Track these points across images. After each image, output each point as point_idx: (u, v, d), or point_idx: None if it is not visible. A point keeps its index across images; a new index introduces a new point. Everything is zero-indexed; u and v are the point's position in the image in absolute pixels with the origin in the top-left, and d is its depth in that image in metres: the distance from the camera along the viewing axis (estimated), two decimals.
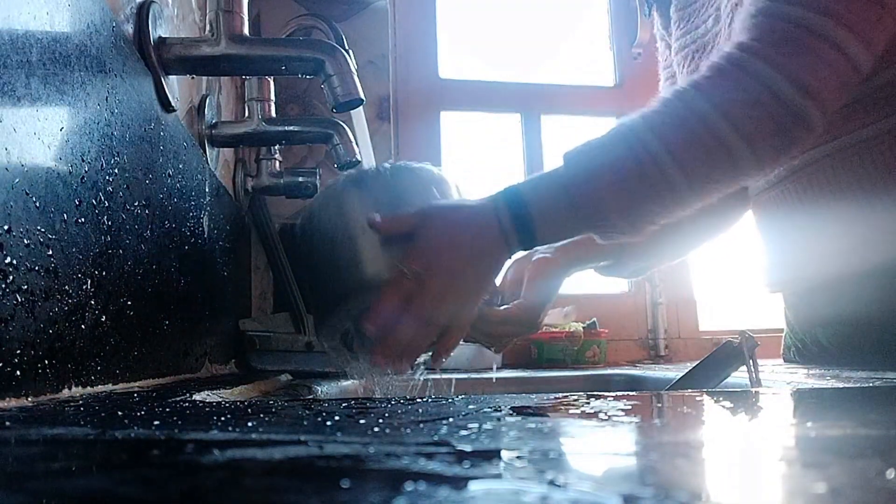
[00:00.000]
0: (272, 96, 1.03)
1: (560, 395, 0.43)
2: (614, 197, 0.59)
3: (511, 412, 0.35)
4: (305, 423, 0.32)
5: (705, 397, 0.44)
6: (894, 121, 0.67)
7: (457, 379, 1.15)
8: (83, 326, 0.47)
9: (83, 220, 0.47)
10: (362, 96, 0.71)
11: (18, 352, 0.38)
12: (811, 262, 0.77)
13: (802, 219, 0.77)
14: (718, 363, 0.67)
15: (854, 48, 0.57)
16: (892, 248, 0.68)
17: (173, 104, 0.69)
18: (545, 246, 0.76)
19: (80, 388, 0.46)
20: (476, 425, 0.30)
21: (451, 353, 0.65)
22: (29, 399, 0.39)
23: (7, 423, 0.30)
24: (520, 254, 0.66)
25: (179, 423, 0.31)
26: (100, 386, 0.49)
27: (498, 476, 0.20)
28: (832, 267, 0.74)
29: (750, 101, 0.58)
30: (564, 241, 0.73)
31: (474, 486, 0.18)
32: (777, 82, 0.57)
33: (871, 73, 0.65)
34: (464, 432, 0.28)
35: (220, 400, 0.48)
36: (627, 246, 0.80)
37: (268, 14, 1.41)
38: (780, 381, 0.67)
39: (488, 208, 0.62)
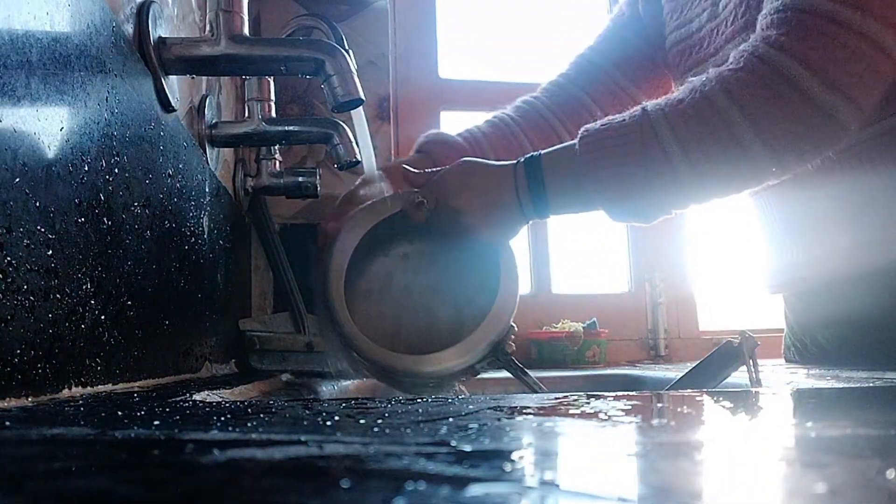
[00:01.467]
0: (272, 96, 1.03)
1: (560, 395, 0.43)
2: (617, 176, 0.58)
3: (511, 412, 0.35)
4: (305, 423, 0.32)
5: (705, 397, 0.44)
6: (894, 121, 0.67)
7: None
8: (83, 326, 0.47)
9: (83, 220, 0.47)
10: (362, 96, 0.71)
11: (18, 352, 0.38)
12: (811, 263, 0.77)
13: (804, 220, 0.77)
14: (718, 363, 0.67)
15: (890, 40, 0.55)
16: (890, 250, 0.68)
17: (173, 104, 0.69)
18: None
19: (80, 388, 0.46)
20: (476, 425, 0.30)
21: None
22: (29, 399, 0.39)
23: (7, 423, 0.30)
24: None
25: (179, 423, 0.31)
26: (100, 386, 0.49)
27: (498, 476, 0.20)
28: (832, 268, 0.74)
29: (771, 96, 0.55)
30: None
31: (474, 487, 0.18)
32: (803, 78, 0.54)
33: None
34: (464, 432, 0.28)
35: (220, 400, 0.48)
36: None
37: (268, 14, 1.41)
38: (780, 381, 0.67)
39: (508, 169, 0.63)
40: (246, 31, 0.73)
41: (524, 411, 0.35)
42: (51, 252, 0.42)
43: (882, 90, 0.57)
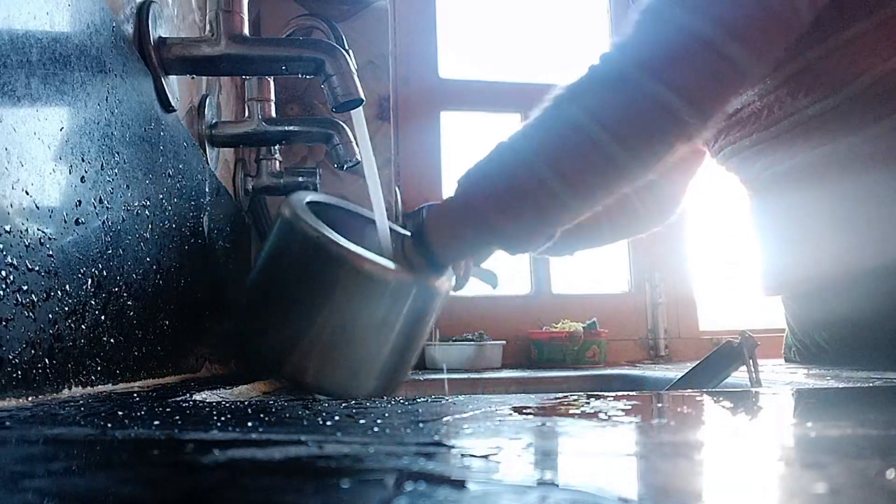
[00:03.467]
0: (272, 96, 1.03)
1: (560, 395, 0.43)
2: (503, 212, 0.61)
3: (511, 412, 0.35)
4: (305, 423, 0.32)
5: (705, 397, 0.44)
6: (892, 122, 0.67)
7: (457, 379, 1.15)
8: (83, 326, 0.47)
9: (83, 220, 0.47)
10: (362, 96, 0.71)
11: (18, 352, 0.38)
12: (805, 266, 0.77)
13: (797, 222, 0.77)
14: (718, 363, 0.67)
15: (739, 55, 0.55)
16: (887, 250, 0.68)
17: (173, 104, 0.69)
18: None
19: (80, 388, 0.46)
20: (476, 425, 0.30)
21: None
22: (29, 399, 0.39)
23: (7, 423, 0.30)
24: None
25: (179, 423, 0.31)
26: (100, 386, 0.49)
27: (497, 476, 0.20)
28: (826, 270, 0.74)
29: (609, 95, 0.57)
30: None
31: (474, 487, 0.18)
32: (632, 73, 0.56)
33: (865, 70, 0.65)
34: (464, 432, 0.28)
35: (220, 400, 0.48)
36: None
37: (268, 14, 1.41)
38: (780, 381, 0.67)
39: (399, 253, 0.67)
40: (246, 31, 0.73)
41: (524, 411, 0.35)
42: (51, 252, 0.42)
43: (729, 94, 0.57)
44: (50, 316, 0.42)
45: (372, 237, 0.73)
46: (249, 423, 0.31)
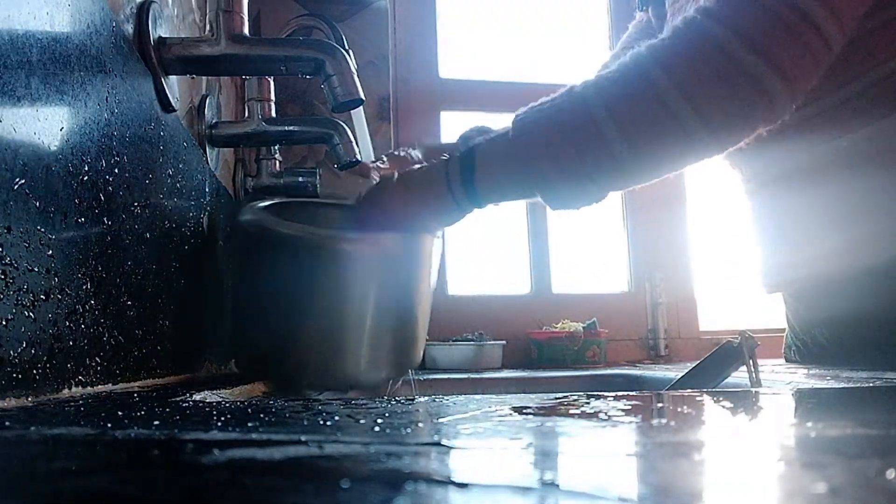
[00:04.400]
0: (272, 96, 1.03)
1: (560, 395, 0.43)
2: (549, 153, 0.57)
3: (511, 412, 0.35)
4: (305, 423, 0.32)
5: (705, 397, 0.44)
6: (885, 123, 0.67)
7: (457, 379, 1.15)
8: (83, 326, 0.47)
9: (83, 220, 0.47)
10: (362, 96, 0.71)
11: (18, 352, 0.38)
12: (807, 262, 0.77)
13: (798, 219, 0.77)
14: (718, 363, 0.67)
15: (822, 16, 0.53)
16: (888, 248, 0.68)
17: (173, 104, 0.69)
18: None
19: (80, 388, 0.46)
20: (476, 425, 0.30)
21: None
22: (29, 399, 0.39)
23: (7, 423, 0.30)
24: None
25: (179, 423, 0.31)
26: (100, 386, 0.49)
27: (498, 476, 0.20)
28: (829, 267, 0.74)
29: (699, 62, 0.54)
30: None
31: (474, 487, 0.18)
32: (729, 41, 0.53)
33: (872, 67, 0.65)
34: (464, 432, 0.28)
35: (220, 400, 0.48)
36: None
37: (268, 14, 1.41)
38: (780, 381, 0.67)
39: (441, 164, 0.64)
40: (246, 31, 0.73)
41: (524, 411, 0.35)
42: (51, 252, 0.42)
43: (815, 69, 0.55)
44: (50, 316, 0.42)
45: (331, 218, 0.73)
46: (249, 423, 0.31)
